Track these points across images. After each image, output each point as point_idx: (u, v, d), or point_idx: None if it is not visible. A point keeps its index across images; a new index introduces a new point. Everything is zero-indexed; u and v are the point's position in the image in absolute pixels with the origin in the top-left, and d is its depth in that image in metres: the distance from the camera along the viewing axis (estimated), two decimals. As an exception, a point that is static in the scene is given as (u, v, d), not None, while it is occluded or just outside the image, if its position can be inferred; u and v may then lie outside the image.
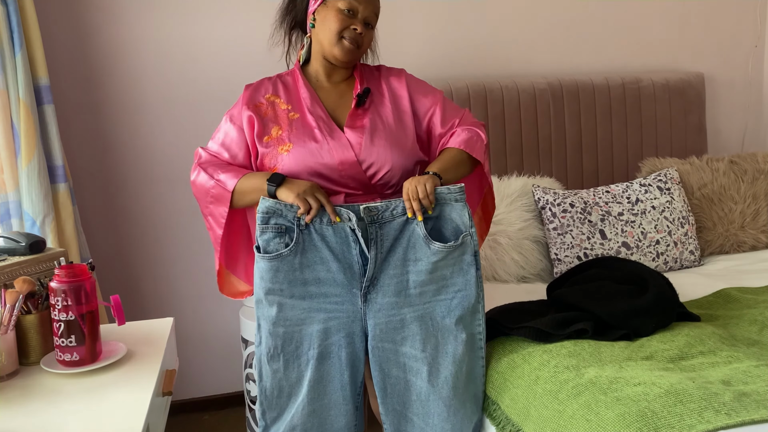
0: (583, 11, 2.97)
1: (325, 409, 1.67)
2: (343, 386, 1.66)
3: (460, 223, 1.64)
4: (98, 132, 2.54)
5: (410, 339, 1.64)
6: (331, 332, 1.63)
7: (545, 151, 2.81)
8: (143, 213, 2.61)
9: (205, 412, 2.79)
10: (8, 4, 2.10)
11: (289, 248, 1.60)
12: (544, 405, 1.59)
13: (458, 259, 1.65)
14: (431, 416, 1.67)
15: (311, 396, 1.65)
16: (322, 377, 1.65)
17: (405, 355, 1.65)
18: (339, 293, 1.63)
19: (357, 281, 1.63)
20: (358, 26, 1.70)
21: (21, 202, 2.19)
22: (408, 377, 1.67)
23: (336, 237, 1.61)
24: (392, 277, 1.63)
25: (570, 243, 2.45)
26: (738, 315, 1.98)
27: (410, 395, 1.67)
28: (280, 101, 1.77)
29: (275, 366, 1.66)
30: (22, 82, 2.13)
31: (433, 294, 1.65)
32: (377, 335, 1.64)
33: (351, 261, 1.62)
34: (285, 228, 1.60)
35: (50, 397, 1.38)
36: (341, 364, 1.65)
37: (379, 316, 1.64)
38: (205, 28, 2.57)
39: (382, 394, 1.68)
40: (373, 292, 1.63)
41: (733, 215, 2.71)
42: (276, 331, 1.64)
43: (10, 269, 1.61)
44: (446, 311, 1.66)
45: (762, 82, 3.30)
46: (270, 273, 1.61)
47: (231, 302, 2.71)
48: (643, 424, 1.38)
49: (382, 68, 1.87)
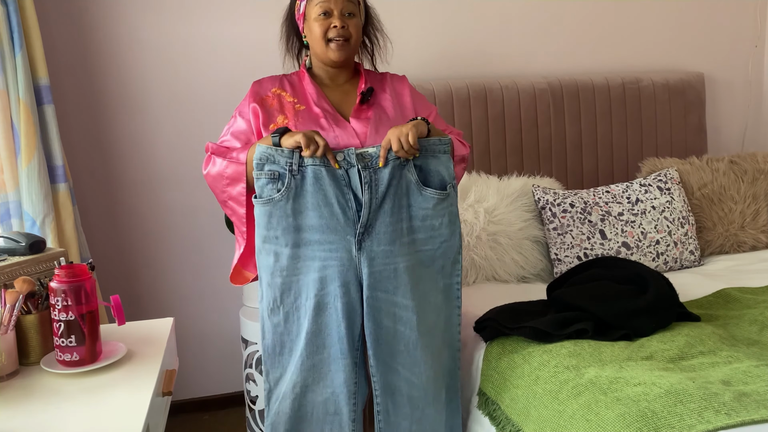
0: (583, 11, 2.97)
1: (325, 364, 1.67)
2: (340, 339, 1.64)
3: (445, 175, 1.68)
4: (98, 132, 2.54)
5: (402, 288, 1.66)
6: (326, 281, 1.63)
7: (545, 151, 2.81)
8: (143, 213, 2.61)
9: (205, 412, 2.79)
10: (8, 4, 2.10)
11: (280, 193, 1.61)
12: (544, 405, 1.59)
13: (447, 209, 1.69)
14: (417, 365, 1.68)
15: (310, 349, 1.65)
16: (320, 330, 1.65)
17: (397, 305, 1.66)
18: (333, 240, 1.63)
19: (351, 228, 1.63)
20: (337, 22, 1.73)
21: (21, 202, 2.19)
22: (397, 327, 1.67)
23: (330, 180, 1.61)
24: (388, 225, 1.63)
25: (570, 243, 2.45)
26: (738, 315, 1.98)
27: (398, 345, 1.68)
28: (286, 94, 1.80)
29: (276, 320, 1.67)
30: (22, 82, 2.13)
31: (422, 243, 1.68)
32: (371, 284, 1.64)
33: (344, 206, 1.62)
34: (278, 174, 1.62)
35: (50, 397, 1.38)
36: (338, 315, 1.64)
37: (373, 264, 1.64)
38: (206, 28, 2.57)
39: (374, 345, 1.67)
40: (368, 240, 1.63)
41: (733, 215, 2.71)
42: (274, 281, 1.66)
43: (10, 269, 1.61)
44: (430, 260, 1.69)
45: (762, 82, 3.30)
46: (264, 218, 1.63)
47: (231, 302, 2.71)
48: (643, 424, 1.38)
49: (387, 74, 1.92)
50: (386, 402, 1.71)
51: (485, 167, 2.72)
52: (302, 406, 1.69)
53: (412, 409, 1.71)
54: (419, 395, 1.70)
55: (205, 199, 2.64)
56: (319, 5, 1.74)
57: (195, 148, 2.62)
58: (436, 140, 1.67)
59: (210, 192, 2.64)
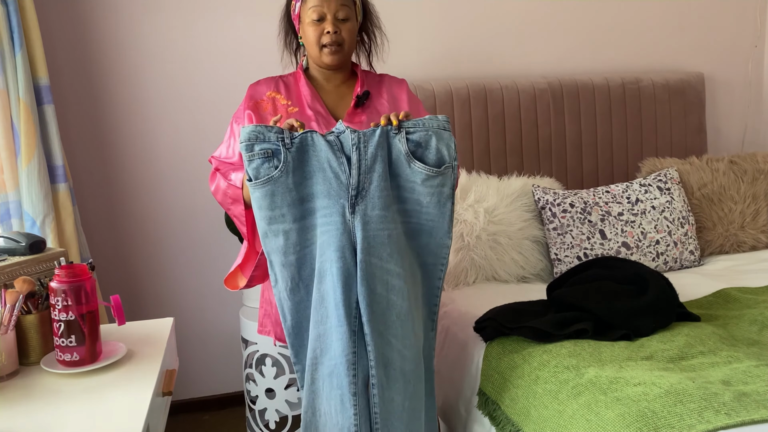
0: (583, 11, 2.97)
1: (328, 334, 1.61)
2: (336, 305, 1.58)
3: (445, 154, 1.62)
4: (98, 132, 2.54)
5: (395, 256, 1.61)
6: (324, 247, 1.60)
7: (545, 151, 2.81)
8: (143, 213, 2.61)
9: (205, 412, 2.79)
10: (8, 4, 2.10)
11: (279, 169, 1.57)
12: (544, 405, 1.59)
13: (437, 189, 1.63)
14: (408, 337, 1.63)
15: (316, 319, 1.61)
16: (323, 298, 1.61)
17: (389, 272, 1.61)
18: (327, 204, 1.60)
19: (345, 191, 1.60)
20: (330, 27, 1.73)
21: (21, 202, 2.19)
22: (390, 296, 1.62)
23: (323, 145, 1.58)
24: (382, 189, 1.60)
25: (570, 243, 2.45)
26: (738, 315, 1.98)
27: (391, 315, 1.62)
28: (281, 97, 1.80)
29: (298, 297, 1.64)
30: (22, 82, 2.13)
31: (408, 214, 1.64)
32: (365, 249, 1.59)
33: (337, 170, 1.59)
34: (272, 151, 1.58)
35: (50, 397, 1.38)
36: (334, 281, 1.59)
37: (367, 229, 1.60)
38: (206, 28, 2.57)
39: (368, 313, 1.60)
40: (362, 203, 1.60)
41: (733, 215, 2.71)
42: (288, 260, 1.62)
43: (10, 269, 1.61)
44: (415, 233, 1.65)
45: (762, 82, 3.30)
46: (267, 199, 1.59)
47: (231, 302, 2.71)
48: (643, 424, 1.38)
49: (385, 76, 1.91)
50: (381, 375, 1.63)
51: (485, 167, 2.72)
52: (315, 380, 1.64)
53: (404, 383, 1.64)
54: (411, 369, 1.64)
55: (205, 200, 2.64)
56: (312, 9, 1.74)
57: (195, 148, 2.62)
58: (431, 117, 1.63)
59: (209, 192, 2.65)
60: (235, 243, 2.64)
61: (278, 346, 2.37)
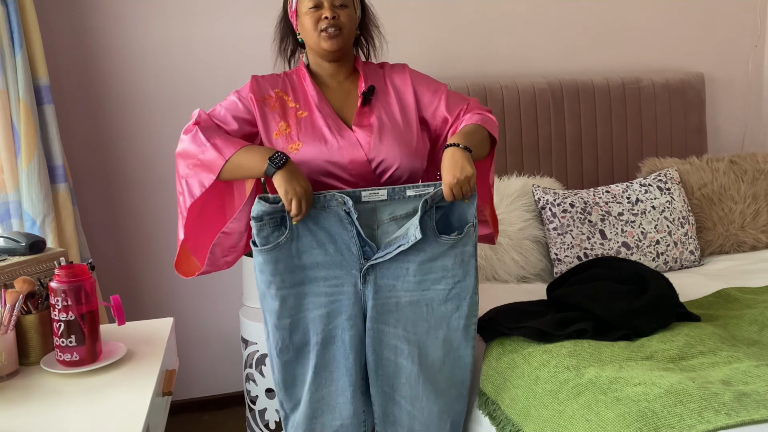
0: (583, 11, 2.97)
1: (333, 396, 1.68)
2: (348, 371, 1.66)
3: (467, 212, 1.65)
4: (98, 132, 2.54)
5: (403, 321, 1.66)
6: (333, 316, 1.64)
7: (545, 151, 2.81)
8: (143, 213, 2.61)
9: (205, 412, 2.79)
10: (8, 4, 2.10)
11: (285, 236, 1.60)
12: (544, 405, 1.59)
13: (461, 250, 1.66)
14: (419, 399, 1.68)
15: (318, 383, 1.67)
16: (327, 363, 1.66)
17: (397, 337, 1.66)
18: (338, 275, 1.63)
19: (356, 262, 1.63)
20: (327, 13, 1.70)
21: (21, 202, 2.19)
22: (398, 360, 1.67)
23: (330, 220, 1.60)
24: (392, 261, 1.63)
25: (570, 243, 2.45)
26: (738, 315, 1.98)
27: (399, 378, 1.68)
28: (289, 99, 1.77)
29: (286, 358, 1.68)
30: (22, 82, 2.13)
31: (433, 282, 1.66)
32: (374, 316, 1.65)
33: (348, 243, 1.62)
34: (279, 219, 1.60)
35: (50, 397, 1.38)
36: (345, 347, 1.65)
37: (377, 297, 1.64)
38: (206, 28, 2.57)
39: (373, 376, 1.69)
40: (372, 273, 1.64)
41: (733, 215, 2.71)
42: (282, 323, 1.65)
43: (10, 269, 1.61)
44: (443, 299, 1.67)
45: (762, 82, 3.30)
46: (270, 265, 1.61)
47: (231, 302, 2.71)
48: (643, 424, 1.38)
49: (386, 65, 1.87)
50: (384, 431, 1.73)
51: (485, 167, 2.72)
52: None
53: None
54: (420, 428, 1.71)
55: (205, 199, 2.64)
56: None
57: (195, 148, 2.62)
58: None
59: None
60: (235, 243, 2.64)
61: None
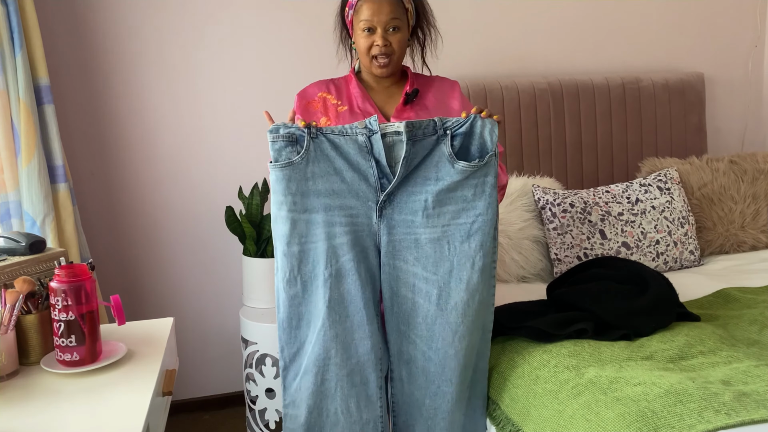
0: (583, 11, 2.97)
1: (349, 333, 1.63)
2: (366, 304, 1.62)
3: (488, 140, 1.62)
4: (98, 132, 2.54)
5: (423, 260, 1.63)
6: (346, 247, 1.61)
7: (545, 151, 2.81)
8: (143, 213, 2.61)
9: (205, 412, 2.79)
10: (8, 4, 2.10)
11: (300, 155, 1.58)
12: (544, 405, 1.59)
13: (481, 180, 1.63)
14: (435, 340, 1.65)
15: (332, 318, 1.62)
16: (343, 297, 1.62)
17: (416, 275, 1.64)
18: (354, 205, 1.61)
19: (373, 194, 1.61)
20: (379, 40, 1.76)
21: (21, 202, 2.19)
22: (416, 298, 1.65)
23: (349, 147, 1.59)
24: (409, 195, 1.62)
25: (570, 243, 2.45)
26: (738, 315, 1.98)
27: (416, 317, 1.65)
28: (331, 97, 1.83)
29: (293, 291, 1.64)
30: (22, 82, 2.13)
31: (452, 216, 1.63)
32: (389, 252, 1.63)
33: (366, 172, 1.60)
34: (296, 137, 1.59)
35: (50, 397, 1.38)
36: (361, 281, 1.62)
37: (393, 233, 1.62)
38: (206, 27, 2.57)
39: (388, 312, 1.66)
40: (389, 208, 1.62)
41: (733, 215, 2.71)
42: (291, 250, 1.62)
43: (10, 269, 1.61)
44: (466, 235, 1.63)
45: (762, 82, 3.30)
46: (282, 183, 1.60)
47: (231, 302, 2.72)
48: (643, 424, 1.38)
49: (436, 78, 1.93)
50: (400, 370, 1.69)
51: (485, 167, 2.72)
52: (326, 380, 1.65)
53: (427, 382, 1.68)
54: (436, 371, 1.66)
55: (205, 199, 2.64)
56: (363, 21, 1.76)
57: (195, 148, 2.62)
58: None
59: (210, 192, 2.65)
60: (236, 243, 2.64)
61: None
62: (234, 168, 2.64)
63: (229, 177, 2.63)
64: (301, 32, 2.65)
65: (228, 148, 2.64)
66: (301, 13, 2.64)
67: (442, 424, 1.69)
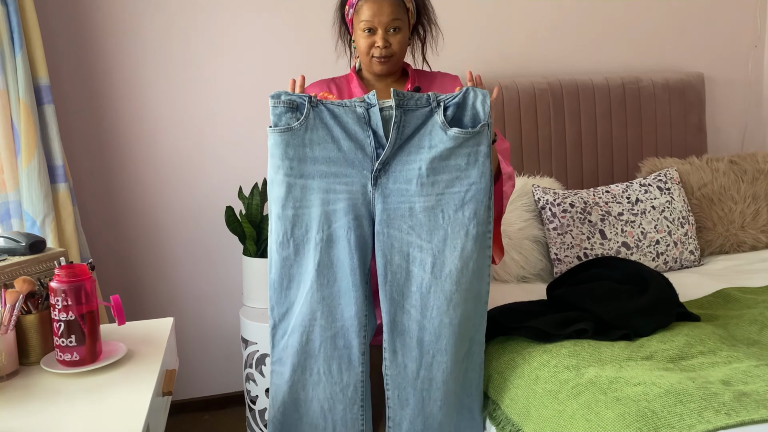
0: (583, 11, 2.97)
1: (335, 297, 1.67)
2: (353, 270, 1.65)
3: (480, 111, 1.65)
4: (98, 132, 2.54)
5: (417, 228, 1.65)
6: (339, 214, 1.64)
7: (545, 151, 2.81)
8: (143, 213, 2.61)
9: (205, 412, 2.79)
10: (8, 4, 2.10)
11: (299, 122, 1.62)
12: (544, 405, 1.59)
13: (474, 149, 1.65)
14: (429, 309, 1.66)
15: (320, 282, 1.65)
16: (332, 262, 1.65)
17: (410, 244, 1.66)
18: (349, 173, 1.64)
19: (369, 163, 1.64)
20: (379, 41, 1.78)
21: (21, 202, 2.19)
22: (410, 267, 1.66)
23: (348, 117, 1.62)
24: (404, 164, 1.64)
25: (570, 243, 2.45)
26: (738, 315, 1.98)
27: (410, 286, 1.67)
28: (333, 97, 1.83)
29: (285, 253, 1.67)
30: (22, 82, 2.13)
31: (446, 185, 1.65)
32: (384, 220, 1.65)
33: (363, 142, 1.63)
34: (296, 104, 1.62)
35: (50, 397, 1.38)
36: (350, 247, 1.64)
37: (388, 201, 1.64)
38: (206, 27, 2.57)
39: (382, 281, 1.67)
40: (384, 177, 1.64)
41: (733, 215, 2.71)
42: (285, 213, 1.65)
43: (10, 269, 1.61)
44: (459, 204, 1.65)
45: (762, 82, 3.30)
46: (280, 147, 1.63)
47: (231, 302, 2.71)
48: (643, 424, 1.38)
49: (438, 73, 1.94)
50: (393, 341, 1.69)
51: (485, 167, 2.72)
52: (310, 341, 1.69)
53: (421, 353, 1.69)
54: (430, 340, 1.67)
55: (206, 199, 2.64)
56: (364, 21, 1.78)
57: (195, 148, 2.62)
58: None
59: (210, 192, 2.65)
60: (236, 243, 2.64)
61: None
62: (234, 168, 2.64)
63: (229, 177, 2.63)
64: (301, 32, 2.65)
65: (228, 148, 2.64)
66: (302, 13, 2.64)
67: (437, 394, 1.70)
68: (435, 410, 1.70)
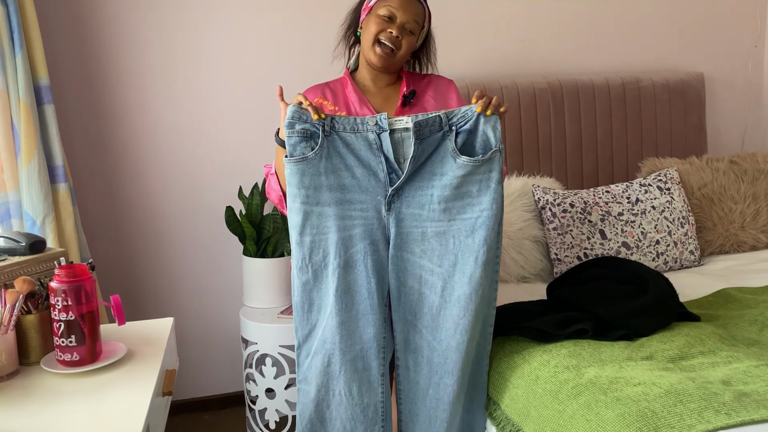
0: (583, 11, 2.97)
1: (354, 320, 1.70)
2: (370, 294, 1.68)
3: (491, 137, 1.67)
4: (98, 132, 2.54)
5: (429, 253, 1.69)
6: (355, 240, 1.67)
7: (545, 151, 2.81)
8: (143, 213, 2.61)
9: (205, 412, 2.79)
10: (8, 4, 2.10)
11: (314, 151, 1.64)
12: (544, 405, 1.59)
13: (485, 176, 1.67)
14: (439, 330, 1.70)
15: (339, 306, 1.68)
16: (349, 286, 1.69)
17: (422, 267, 1.69)
18: (364, 200, 1.67)
19: (382, 189, 1.67)
20: (395, 30, 1.79)
21: (21, 202, 2.19)
22: (422, 289, 1.70)
23: (360, 144, 1.65)
24: (416, 189, 1.67)
25: (570, 243, 2.45)
26: (738, 315, 1.98)
27: (422, 307, 1.71)
28: (328, 103, 1.86)
29: (304, 278, 1.71)
30: (22, 82, 2.13)
31: (458, 212, 1.68)
32: (397, 244, 1.69)
33: (376, 168, 1.66)
34: (310, 133, 1.65)
35: (50, 397, 1.38)
36: (367, 272, 1.68)
37: (401, 225, 1.68)
38: (206, 27, 2.57)
39: (395, 302, 1.72)
40: (397, 201, 1.68)
41: (733, 215, 2.71)
42: (303, 240, 1.69)
43: (10, 269, 1.61)
44: (470, 230, 1.68)
45: (762, 82, 3.30)
46: (296, 177, 1.66)
47: (231, 302, 2.72)
48: (643, 424, 1.38)
49: (432, 76, 1.96)
50: (407, 359, 1.75)
51: (485, 167, 2.72)
52: (331, 363, 1.72)
53: (431, 372, 1.73)
54: (438, 361, 1.72)
55: (206, 199, 2.64)
56: (386, 7, 1.79)
57: (195, 148, 2.62)
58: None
59: (209, 192, 2.65)
60: (236, 243, 2.64)
61: (279, 346, 2.38)
62: (234, 168, 2.64)
63: (229, 177, 2.64)
64: (301, 33, 2.65)
65: (228, 148, 2.64)
66: (302, 14, 2.64)
67: (444, 415, 1.74)
68: (441, 430, 1.75)
